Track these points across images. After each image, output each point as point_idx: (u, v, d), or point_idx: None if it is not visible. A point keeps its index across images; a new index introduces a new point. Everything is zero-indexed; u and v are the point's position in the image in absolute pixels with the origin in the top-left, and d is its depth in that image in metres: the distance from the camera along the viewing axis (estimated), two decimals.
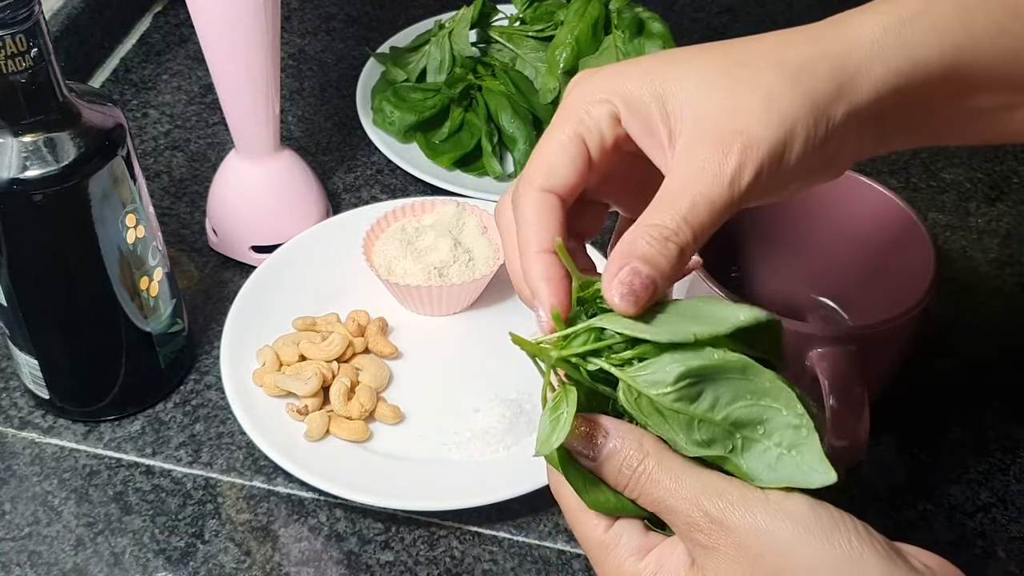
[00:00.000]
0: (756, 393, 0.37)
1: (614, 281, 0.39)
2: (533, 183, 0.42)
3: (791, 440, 0.37)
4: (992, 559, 0.63)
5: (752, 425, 0.37)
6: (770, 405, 0.37)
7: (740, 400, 0.37)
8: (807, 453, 0.37)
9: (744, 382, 0.37)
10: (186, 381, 0.71)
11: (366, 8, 1.06)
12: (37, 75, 0.56)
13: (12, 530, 0.63)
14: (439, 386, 0.70)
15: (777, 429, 0.37)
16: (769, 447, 0.37)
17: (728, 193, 0.39)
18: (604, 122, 0.42)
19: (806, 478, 0.36)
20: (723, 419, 0.37)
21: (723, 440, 0.38)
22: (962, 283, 0.79)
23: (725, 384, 0.37)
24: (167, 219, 0.83)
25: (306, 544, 0.63)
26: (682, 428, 0.38)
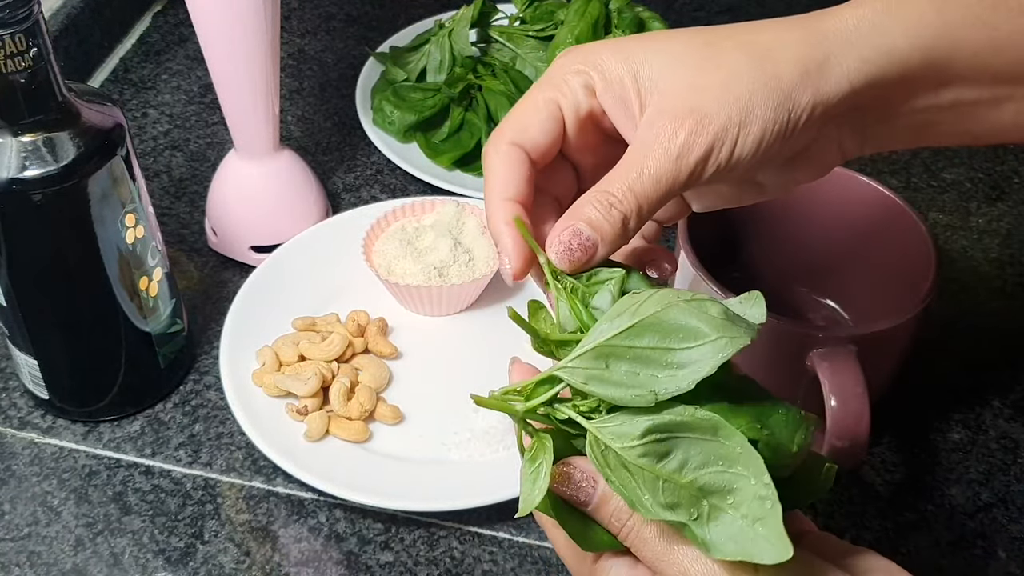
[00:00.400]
0: (727, 459, 0.36)
1: (555, 239, 0.41)
2: (503, 137, 0.43)
3: (757, 512, 0.36)
4: (993, 559, 0.63)
5: (722, 493, 0.36)
6: (740, 473, 0.36)
7: (710, 465, 0.36)
8: (770, 527, 0.35)
9: (715, 444, 0.36)
10: (185, 381, 0.71)
11: (366, 8, 1.06)
12: (36, 75, 0.56)
13: (11, 530, 0.63)
14: (439, 386, 0.70)
15: (745, 500, 0.36)
16: (736, 518, 0.36)
17: (674, 167, 0.40)
18: (579, 91, 0.43)
19: (761, 553, 0.35)
20: (690, 483, 0.36)
21: (688, 505, 0.36)
22: (963, 283, 0.79)
23: (695, 445, 0.36)
24: (166, 219, 0.83)
25: (306, 544, 0.63)
26: (647, 487, 0.36)
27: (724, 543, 0.36)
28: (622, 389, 0.37)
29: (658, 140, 0.40)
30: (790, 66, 0.40)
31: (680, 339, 0.36)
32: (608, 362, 0.37)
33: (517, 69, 0.90)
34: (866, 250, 0.68)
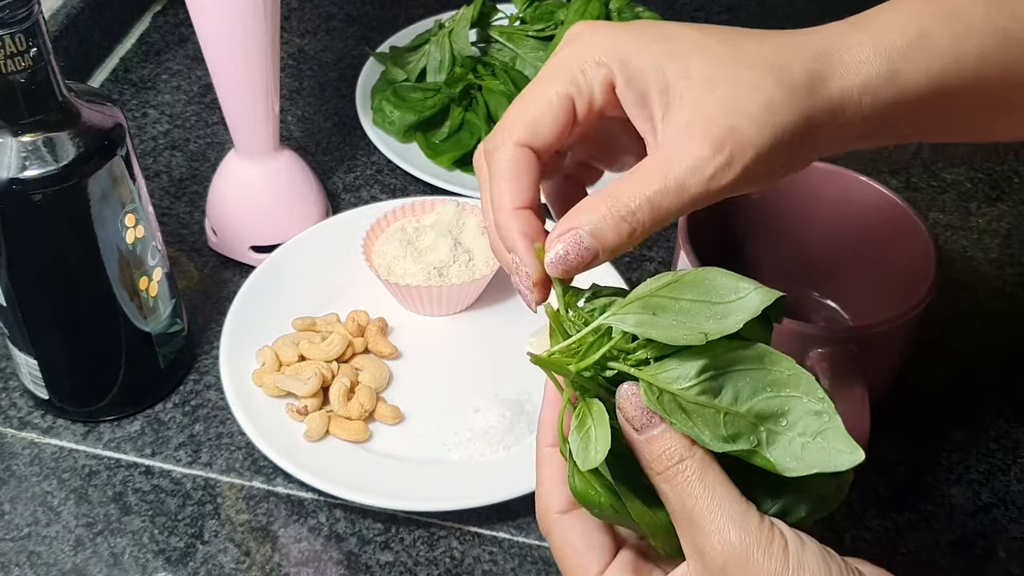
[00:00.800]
0: (776, 384, 0.37)
1: (556, 241, 0.39)
2: (512, 135, 0.41)
3: (815, 427, 0.37)
4: (993, 559, 0.63)
5: (775, 417, 0.37)
6: (791, 395, 0.37)
7: (761, 392, 0.37)
8: (832, 437, 0.37)
9: (762, 372, 0.37)
10: (185, 381, 0.71)
11: (366, 7, 1.06)
12: (36, 75, 0.55)
13: (11, 530, 0.63)
14: (439, 386, 0.70)
15: (800, 418, 0.37)
16: (793, 438, 0.37)
17: (705, 187, 0.39)
18: (598, 86, 0.41)
19: (833, 462, 0.36)
20: (747, 411, 0.37)
21: (748, 434, 0.37)
22: (963, 283, 0.79)
23: (745, 376, 0.37)
24: (166, 219, 0.83)
25: (306, 544, 0.63)
26: (707, 424, 0.37)
27: (789, 462, 0.37)
28: (673, 331, 0.37)
29: (693, 155, 0.38)
30: (820, 105, 0.40)
31: (721, 294, 0.38)
32: (655, 312, 0.38)
33: (517, 69, 0.90)
34: (866, 250, 0.68)
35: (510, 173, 0.40)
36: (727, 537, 0.36)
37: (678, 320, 0.38)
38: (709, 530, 0.37)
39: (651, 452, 0.38)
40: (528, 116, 0.41)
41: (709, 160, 0.38)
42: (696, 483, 0.37)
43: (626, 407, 0.38)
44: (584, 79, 0.41)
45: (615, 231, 0.39)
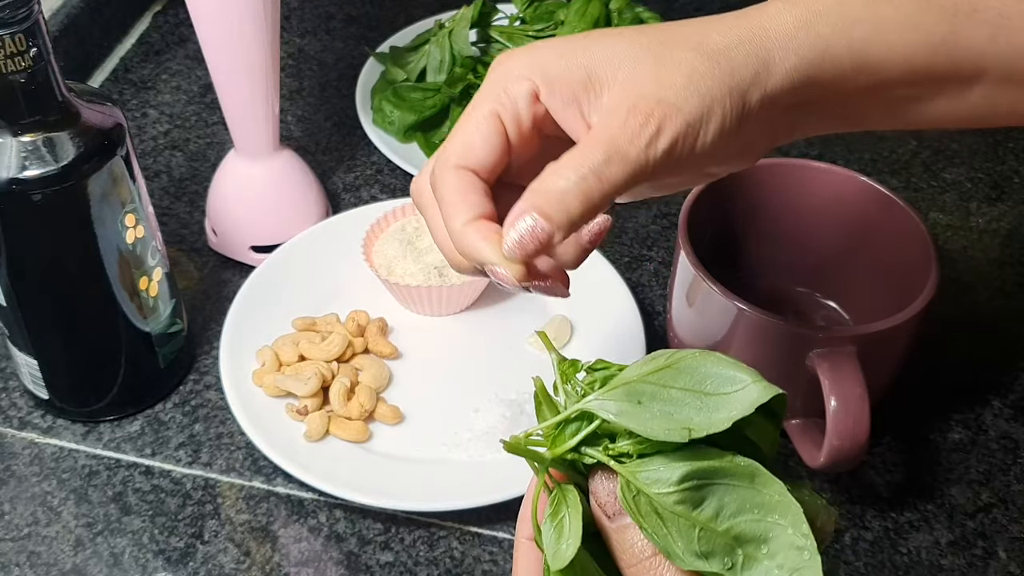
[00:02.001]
0: (764, 507, 0.35)
1: (509, 229, 0.39)
2: (449, 162, 0.41)
3: (794, 562, 0.35)
4: (993, 559, 0.63)
5: (756, 542, 0.35)
6: (776, 522, 0.35)
7: (746, 513, 0.35)
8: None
9: (751, 492, 0.35)
10: (185, 381, 0.71)
11: (366, 7, 1.06)
12: (36, 75, 0.55)
13: (11, 530, 0.63)
14: (439, 386, 0.70)
15: (781, 549, 0.35)
16: (771, 568, 0.35)
17: (644, 155, 0.39)
18: (522, 100, 0.42)
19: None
20: (726, 531, 0.35)
21: (723, 554, 0.35)
22: (963, 283, 0.79)
23: (731, 492, 0.35)
24: (166, 219, 0.83)
25: (306, 545, 0.63)
26: (681, 535, 0.35)
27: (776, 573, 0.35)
28: (656, 423, 0.35)
29: (627, 127, 0.39)
30: (742, 67, 0.41)
31: (716, 384, 0.36)
32: (640, 399, 0.36)
33: None
34: (866, 250, 0.68)
35: (455, 195, 0.41)
36: None
37: (663, 411, 0.36)
38: None
39: (622, 542, 0.37)
40: (460, 141, 0.42)
41: (642, 128, 0.39)
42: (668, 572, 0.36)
43: (599, 493, 0.37)
44: (507, 95, 0.42)
45: (562, 207, 0.39)
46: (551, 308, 0.74)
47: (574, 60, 0.41)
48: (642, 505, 0.36)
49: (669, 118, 0.40)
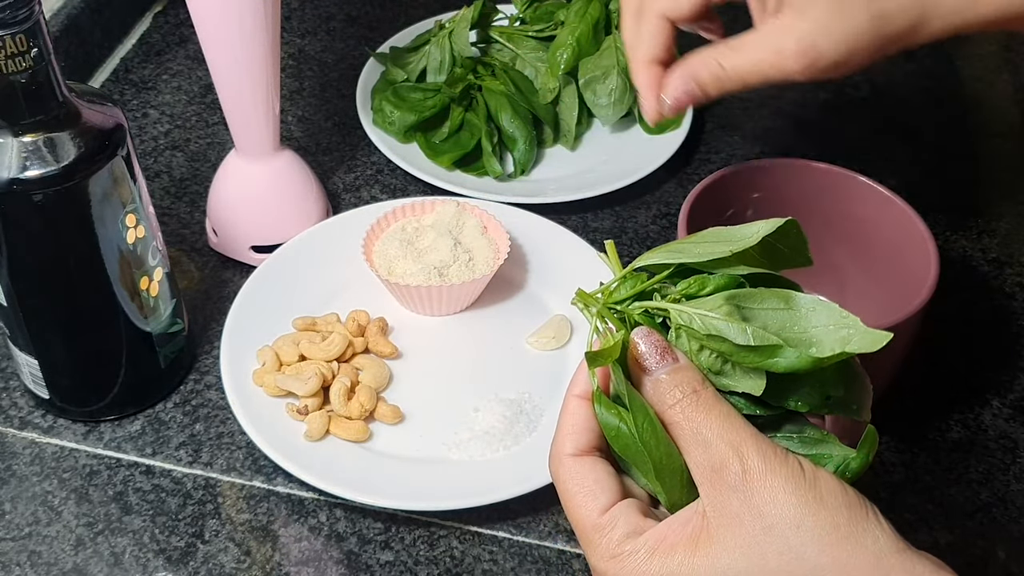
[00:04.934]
0: (802, 319, 0.40)
1: (671, 92, 0.56)
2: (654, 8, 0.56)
3: (842, 338, 0.39)
4: (992, 559, 0.63)
5: (804, 344, 0.39)
6: (816, 327, 0.40)
7: (787, 329, 0.40)
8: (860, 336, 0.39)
9: (787, 313, 0.40)
10: (186, 381, 0.71)
11: (366, 8, 1.06)
12: (37, 75, 0.56)
13: (12, 530, 0.63)
14: (439, 386, 0.70)
15: (827, 339, 0.39)
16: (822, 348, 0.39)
17: (778, 75, 0.53)
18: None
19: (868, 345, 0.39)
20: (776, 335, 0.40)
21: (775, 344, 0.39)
22: (962, 283, 0.79)
23: (770, 315, 0.40)
24: (167, 219, 0.83)
25: (306, 544, 0.63)
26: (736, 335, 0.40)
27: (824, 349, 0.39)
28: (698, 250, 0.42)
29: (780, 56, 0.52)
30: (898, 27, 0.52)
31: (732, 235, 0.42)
32: (680, 251, 0.42)
33: (517, 69, 0.90)
34: (866, 250, 0.69)
35: (648, 36, 0.57)
36: (745, 451, 0.38)
37: (701, 251, 0.42)
38: (726, 448, 0.38)
39: (663, 388, 0.40)
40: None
41: (790, 59, 0.52)
42: (711, 409, 0.39)
43: (637, 346, 0.40)
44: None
45: (714, 87, 0.55)
46: (551, 308, 0.75)
47: None
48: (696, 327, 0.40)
49: (818, 59, 0.52)
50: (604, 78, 0.87)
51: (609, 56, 0.87)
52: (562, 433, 0.42)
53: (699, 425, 0.39)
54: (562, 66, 0.87)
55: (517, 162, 0.86)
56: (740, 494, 0.38)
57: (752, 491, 0.37)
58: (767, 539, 0.37)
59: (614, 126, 0.90)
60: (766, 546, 0.37)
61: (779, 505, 0.37)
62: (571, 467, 0.42)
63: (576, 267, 0.75)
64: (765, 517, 0.37)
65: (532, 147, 0.86)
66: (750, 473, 0.37)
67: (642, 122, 0.90)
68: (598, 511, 0.40)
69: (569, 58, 0.87)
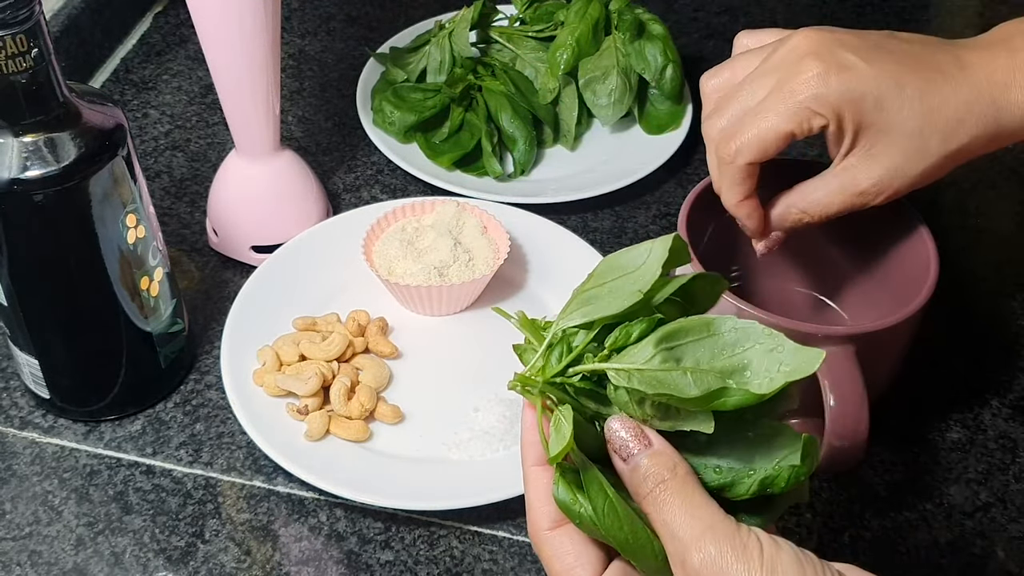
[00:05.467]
0: (728, 346, 0.40)
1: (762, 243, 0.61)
2: (745, 157, 0.56)
3: (774, 362, 0.39)
4: (992, 559, 0.63)
5: (739, 371, 0.40)
6: (745, 350, 0.40)
7: (718, 357, 0.40)
8: (791, 358, 0.39)
9: (712, 339, 0.41)
10: (186, 381, 0.72)
11: (366, 8, 1.06)
12: (37, 75, 0.56)
13: (12, 530, 0.63)
14: (439, 386, 0.70)
15: (760, 363, 0.40)
16: (760, 376, 0.40)
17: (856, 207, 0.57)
18: (816, 127, 0.54)
19: (800, 369, 0.39)
20: (709, 369, 0.40)
21: (717, 385, 0.40)
22: (962, 283, 0.79)
23: (698, 346, 0.40)
24: (167, 219, 0.83)
25: (306, 544, 0.63)
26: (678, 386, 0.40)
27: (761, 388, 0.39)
28: (613, 304, 0.42)
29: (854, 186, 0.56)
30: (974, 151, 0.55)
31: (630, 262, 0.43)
32: (591, 302, 0.43)
33: (517, 70, 0.90)
34: (866, 250, 0.69)
35: (739, 179, 0.57)
36: (704, 546, 0.39)
37: (612, 299, 0.42)
38: (687, 540, 0.39)
39: (636, 478, 0.41)
40: (761, 142, 0.55)
41: (866, 193, 0.56)
42: (676, 498, 0.40)
43: (612, 438, 0.42)
44: (807, 125, 0.54)
45: (795, 225, 0.60)
46: (551, 308, 0.75)
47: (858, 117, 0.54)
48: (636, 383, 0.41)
49: (892, 193, 0.56)
50: (604, 78, 0.87)
51: (609, 56, 0.87)
52: (533, 509, 0.44)
53: (665, 516, 0.40)
54: (562, 66, 0.87)
55: (517, 162, 0.86)
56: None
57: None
58: None
59: (614, 126, 0.90)
60: None
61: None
62: (550, 543, 0.43)
63: (576, 267, 0.75)
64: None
65: (532, 147, 0.86)
66: (706, 570, 0.38)
67: (642, 122, 0.90)
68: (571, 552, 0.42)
69: (569, 58, 0.87)
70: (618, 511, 0.41)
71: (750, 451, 0.42)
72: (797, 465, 0.41)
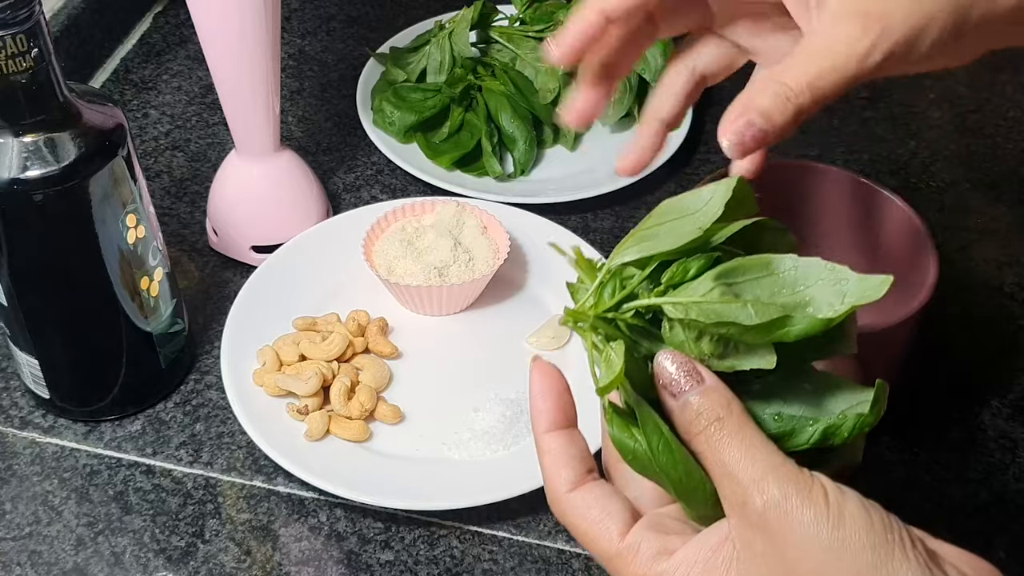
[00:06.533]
0: (789, 284, 0.39)
1: (729, 128, 0.42)
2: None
3: (839, 293, 0.38)
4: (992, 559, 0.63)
5: (802, 307, 0.38)
6: (807, 287, 0.39)
7: (778, 295, 0.39)
8: (858, 287, 0.38)
9: (772, 278, 0.39)
10: (186, 381, 0.72)
11: (366, 8, 1.06)
12: (38, 75, 0.56)
13: (13, 529, 0.63)
14: (439, 386, 0.71)
15: (824, 297, 0.38)
16: (823, 309, 0.38)
17: (856, 69, 0.42)
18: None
19: (867, 294, 0.38)
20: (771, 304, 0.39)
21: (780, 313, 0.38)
22: (962, 283, 0.79)
23: (757, 284, 0.39)
24: (167, 219, 0.83)
25: (306, 544, 0.63)
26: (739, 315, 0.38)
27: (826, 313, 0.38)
28: (671, 240, 0.40)
29: (844, 40, 0.42)
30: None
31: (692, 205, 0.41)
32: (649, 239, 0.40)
33: (517, 70, 0.90)
34: (866, 250, 0.69)
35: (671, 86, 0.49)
36: (766, 487, 0.36)
37: (670, 237, 0.40)
38: (747, 482, 0.37)
39: (688, 415, 0.39)
40: None
41: (860, 40, 0.42)
42: (733, 438, 0.38)
43: (661, 374, 0.39)
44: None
45: (783, 113, 0.42)
46: (551, 308, 0.75)
47: None
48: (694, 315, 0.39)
49: (888, 33, 0.42)
50: None
51: None
52: (550, 474, 0.42)
53: (723, 456, 0.38)
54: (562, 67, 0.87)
55: (517, 162, 0.86)
56: (763, 534, 0.37)
57: (773, 533, 0.37)
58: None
59: (614, 126, 0.90)
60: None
61: (802, 549, 0.36)
62: (573, 503, 0.41)
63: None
64: (787, 562, 0.36)
65: (532, 147, 0.86)
66: (770, 513, 0.36)
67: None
68: (616, 538, 0.40)
69: None
70: (673, 449, 0.39)
71: (812, 399, 0.40)
72: (864, 414, 0.40)
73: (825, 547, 0.36)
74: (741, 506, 0.37)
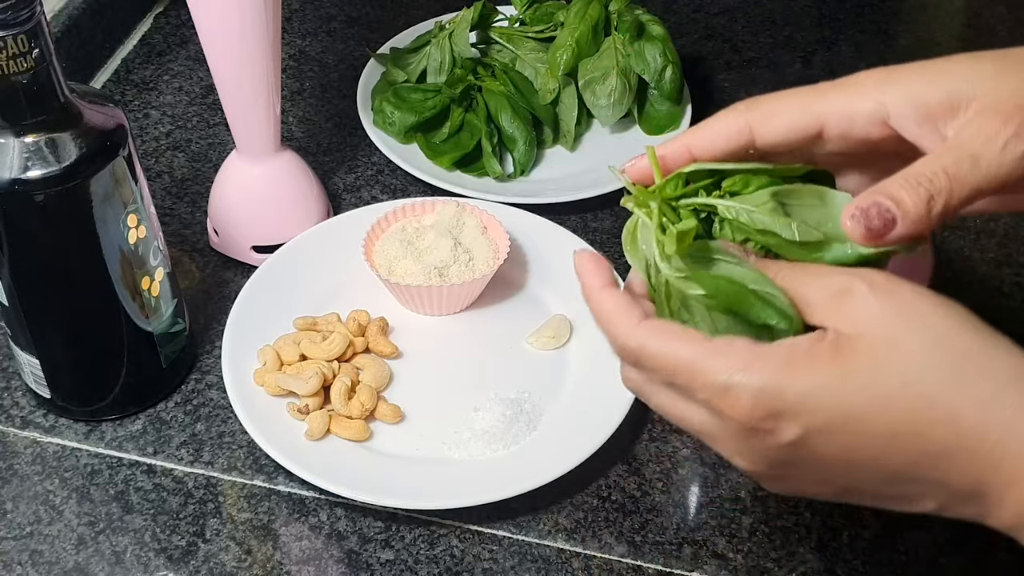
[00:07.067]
0: (835, 218, 0.42)
1: (854, 207, 0.41)
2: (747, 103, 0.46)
3: None
4: (991, 559, 0.63)
5: (842, 240, 0.42)
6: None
7: (824, 225, 0.42)
8: None
9: (823, 209, 0.43)
10: (187, 381, 0.72)
11: (366, 9, 1.06)
12: (39, 76, 0.56)
13: (14, 529, 0.63)
14: (439, 386, 0.71)
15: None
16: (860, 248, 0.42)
17: (998, 157, 0.40)
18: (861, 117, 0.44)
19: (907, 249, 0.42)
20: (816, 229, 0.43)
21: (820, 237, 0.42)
22: (960, 283, 0.79)
23: (808, 211, 0.43)
24: (168, 219, 0.83)
25: (307, 543, 0.63)
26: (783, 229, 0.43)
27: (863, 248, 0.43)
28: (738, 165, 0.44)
29: (982, 132, 0.40)
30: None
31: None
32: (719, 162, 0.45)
33: (517, 70, 0.91)
34: None
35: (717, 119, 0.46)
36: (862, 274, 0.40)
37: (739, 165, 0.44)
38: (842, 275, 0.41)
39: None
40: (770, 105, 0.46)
41: (1000, 132, 0.40)
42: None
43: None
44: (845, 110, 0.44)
45: (911, 197, 0.41)
46: (551, 308, 0.75)
47: (935, 82, 0.43)
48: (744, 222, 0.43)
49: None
50: (603, 79, 0.87)
51: (608, 57, 0.88)
52: (618, 314, 0.43)
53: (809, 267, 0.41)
54: (562, 67, 0.87)
55: (517, 162, 0.86)
56: (875, 301, 0.39)
57: (887, 294, 0.39)
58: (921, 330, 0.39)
59: (614, 126, 0.90)
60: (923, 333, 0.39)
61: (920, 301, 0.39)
62: (650, 328, 0.42)
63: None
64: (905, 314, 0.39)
65: (532, 147, 0.86)
66: (878, 286, 0.39)
67: (642, 123, 0.90)
68: (703, 338, 0.41)
69: (569, 59, 0.87)
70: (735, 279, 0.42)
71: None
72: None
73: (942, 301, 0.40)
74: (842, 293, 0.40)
